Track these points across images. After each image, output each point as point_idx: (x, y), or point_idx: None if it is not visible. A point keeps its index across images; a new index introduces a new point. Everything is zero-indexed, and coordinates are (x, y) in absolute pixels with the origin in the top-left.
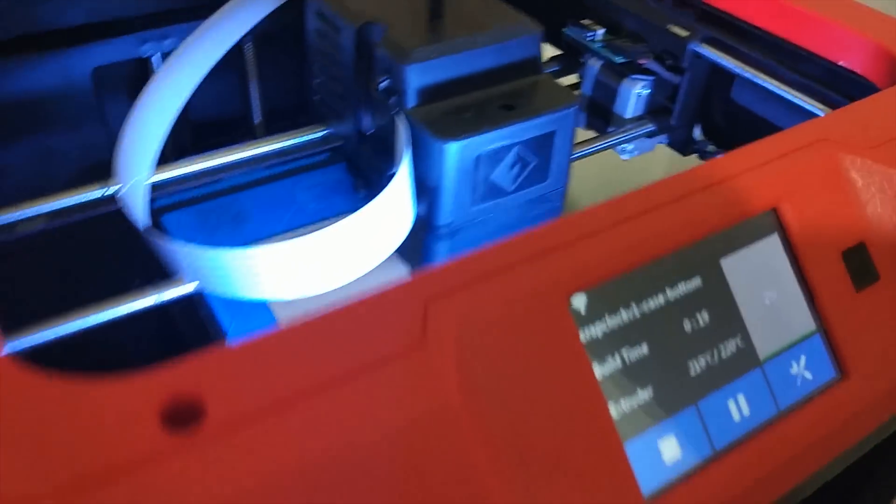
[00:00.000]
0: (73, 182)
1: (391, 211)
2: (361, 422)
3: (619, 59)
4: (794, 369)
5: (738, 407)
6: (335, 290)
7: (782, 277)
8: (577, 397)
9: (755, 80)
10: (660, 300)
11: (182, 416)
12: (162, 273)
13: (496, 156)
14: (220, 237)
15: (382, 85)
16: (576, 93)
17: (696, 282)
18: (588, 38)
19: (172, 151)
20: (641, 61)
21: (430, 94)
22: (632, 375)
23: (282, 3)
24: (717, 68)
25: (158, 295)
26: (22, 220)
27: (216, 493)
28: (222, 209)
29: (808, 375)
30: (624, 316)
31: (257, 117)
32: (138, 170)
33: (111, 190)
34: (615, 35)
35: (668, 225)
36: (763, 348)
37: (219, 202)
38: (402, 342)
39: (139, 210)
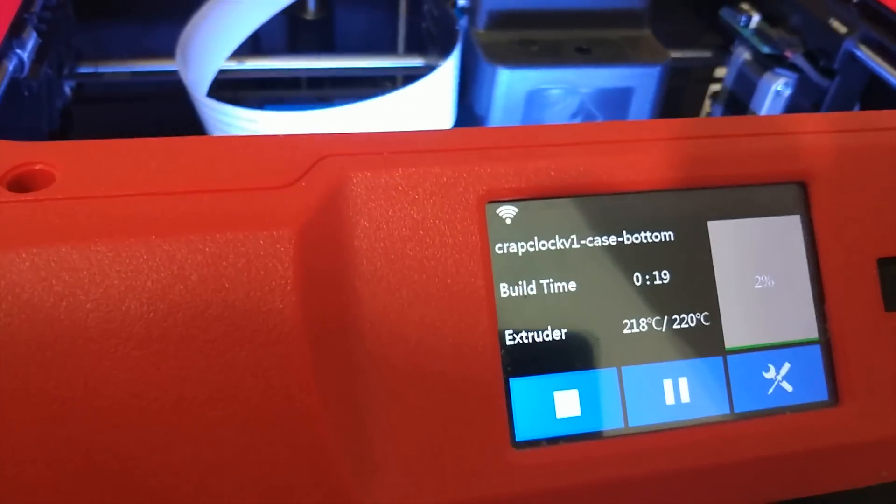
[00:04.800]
0: None
1: (422, 103)
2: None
3: (766, 50)
4: (770, 374)
5: (676, 390)
6: None
7: (790, 267)
8: (465, 311)
9: None
10: (610, 240)
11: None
12: None
13: (554, 98)
14: None
15: (459, 3)
16: (715, 89)
17: (666, 235)
18: (741, 24)
19: None
20: (788, 54)
21: (504, 21)
22: (544, 310)
23: None
24: (876, 79)
25: None
26: (110, 72)
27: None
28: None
29: (787, 387)
30: (558, 242)
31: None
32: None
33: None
34: (772, 24)
35: (655, 159)
36: (733, 337)
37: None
38: (272, 180)
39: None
